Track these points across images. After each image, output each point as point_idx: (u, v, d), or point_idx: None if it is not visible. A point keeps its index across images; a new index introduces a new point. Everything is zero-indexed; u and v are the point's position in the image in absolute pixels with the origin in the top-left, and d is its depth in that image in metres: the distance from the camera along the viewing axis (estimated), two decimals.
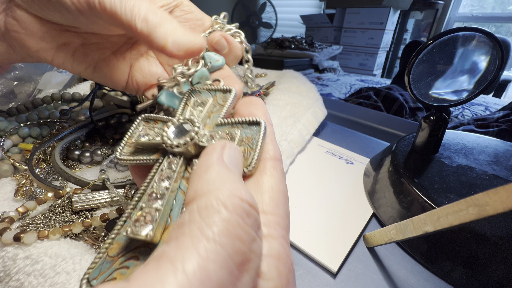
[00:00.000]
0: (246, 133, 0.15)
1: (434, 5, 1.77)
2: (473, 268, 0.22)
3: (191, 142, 0.14)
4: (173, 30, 0.17)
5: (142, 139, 0.15)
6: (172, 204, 0.13)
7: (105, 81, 0.25)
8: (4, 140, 0.32)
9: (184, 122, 0.14)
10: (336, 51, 1.76)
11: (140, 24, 0.17)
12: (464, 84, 0.28)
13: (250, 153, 0.14)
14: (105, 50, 0.25)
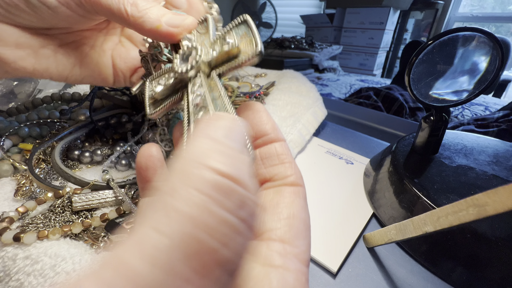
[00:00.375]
0: (239, 33, 0.16)
1: (434, 5, 1.77)
2: (473, 268, 0.22)
3: (200, 59, 0.15)
4: (163, 12, 0.18)
5: (158, 89, 0.17)
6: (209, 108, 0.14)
7: (94, 80, 0.26)
8: (4, 140, 0.32)
9: (185, 52, 0.16)
10: (336, 51, 1.75)
11: (130, 9, 0.18)
12: (464, 84, 0.28)
13: (251, 42, 0.15)
14: (83, 47, 0.25)
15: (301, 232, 0.12)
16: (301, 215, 0.13)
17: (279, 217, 0.12)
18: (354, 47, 1.87)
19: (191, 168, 0.08)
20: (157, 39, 0.18)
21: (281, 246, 0.11)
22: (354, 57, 1.89)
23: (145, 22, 0.18)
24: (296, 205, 0.13)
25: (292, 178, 0.14)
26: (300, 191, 0.14)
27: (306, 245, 0.12)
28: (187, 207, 0.07)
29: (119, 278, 0.06)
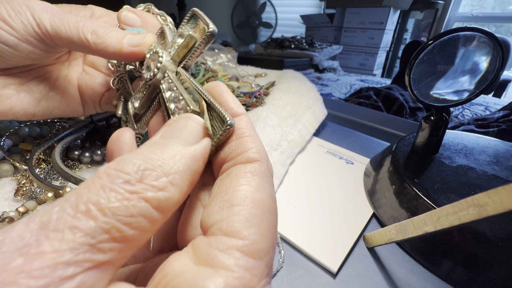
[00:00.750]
0: (191, 26, 0.16)
1: (434, 5, 1.77)
2: (473, 268, 0.22)
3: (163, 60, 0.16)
4: (123, 34, 0.19)
5: (137, 104, 0.17)
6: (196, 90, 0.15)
7: (63, 111, 0.26)
8: (4, 140, 0.32)
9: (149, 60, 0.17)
10: (336, 51, 1.75)
11: (91, 37, 0.18)
12: (465, 84, 0.28)
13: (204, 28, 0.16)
14: (47, 81, 0.25)
15: (254, 218, 0.10)
16: (254, 197, 0.10)
17: (226, 205, 0.10)
18: (354, 47, 1.87)
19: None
20: (122, 60, 0.19)
21: (224, 240, 0.09)
22: (354, 57, 1.89)
23: (108, 47, 0.18)
24: (251, 186, 0.11)
25: (248, 154, 0.12)
26: (257, 168, 0.12)
27: (261, 233, 0.10)
28: None
29: None
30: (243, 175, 0.11)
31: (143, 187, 0.10)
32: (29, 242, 0.08)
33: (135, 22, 0.21)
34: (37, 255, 0.08)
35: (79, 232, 0.08)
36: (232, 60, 0.62)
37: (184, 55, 0.16)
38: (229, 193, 0.11)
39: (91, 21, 0.19)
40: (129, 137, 0.15)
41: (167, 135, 0.12)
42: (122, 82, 0.23)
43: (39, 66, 0.24)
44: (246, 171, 0.11)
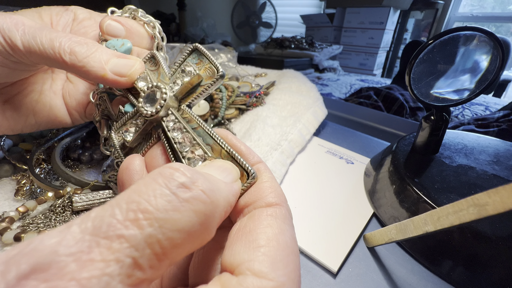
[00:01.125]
0: (194, 61, 0.16)
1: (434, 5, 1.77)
2: (473, 268, 0.22)
3: (167, 97, 0.15)
4: (106, 57, 0.17)
5: (129, 137, 0.17)
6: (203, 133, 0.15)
7: (52, 124, 0.25)
8: (5, 140, 0.32)
9: (149, 93, 0.16)
10: (336, 51, 1.75)
11: (69, 58, 0.16)
12: (465, 83, 0.28)
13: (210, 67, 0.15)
14: (32, 95, 0.23)
15: (281, 260, 0.10)
16: (279, 239, 0.11)
17: (252, 245, 0.10)
18: (354, 47, 1.87)
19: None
20: (106, 85, 0.18)
21: (254, 280, 0.09)
22: (354, 57, 1.89)
23: (89, 72, 0.16)
24: (274, 228, 0.11)
25: (267, 198, 0.12)
26: (278, 211, 0.12)
27: (288, 275, 0.10)
28: None
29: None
30: (265, 218, 0.11)
31: (196, 194, 0.09)
32: (82, 248, 0.08)
33: (119, 32, 0.19)
34: (87, 263, 0.07)
35: (125, 242, 0.08)
36: (232, 60, 0.62)
37: (187, 92, 0.16)
38: (254, 234, 0.11)
39: (68, 37, 0.17)
40: (139, 164, 0.15)
41: (209, 169, 0.12)
42: (102, 100, 0.21)
43: (19, 81, 0.22)
44: (267, 214, 0.12)
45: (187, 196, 0.09)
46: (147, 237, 0.08)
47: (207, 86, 0.15)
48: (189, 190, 0.09)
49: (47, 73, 0.24)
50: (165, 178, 0.09)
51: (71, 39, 0.17)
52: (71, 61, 0.16)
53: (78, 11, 0.22)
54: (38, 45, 0.16)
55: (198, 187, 0.10)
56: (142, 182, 0.09)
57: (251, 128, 0.39)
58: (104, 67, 0.16)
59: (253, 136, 0.36)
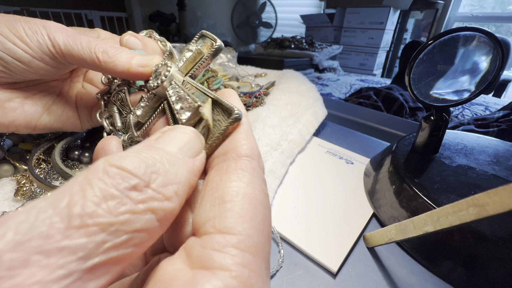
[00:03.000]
0: (200, 44, 0.17)
1: (434, 5, 1.77)
2: (473, 268, 0.22)
3: (171, 69, 0.16)
4: (132, 55, 0.20)
5: (139, 112, 0.18)
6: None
7: (63, 125, 0.27)
8: (4, 140, 0.32)
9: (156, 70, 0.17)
10: (336, 51, 1.76)
11: (102, 56, 0.19)
12: (465, 84, 0.28)
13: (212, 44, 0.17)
14: (50, 96, 0.26)
15: (247, 213, 0.09)
16: (246, 192, 0.10)
17: (217, 202, 0.10)
18: (354, 47, 1.87)
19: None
20: (129, 78, 0.20)
21: (218, 238, 0.09)
22: (354, 57, 1.89)
23: (117, 66, 0.19)
24: (241, 182, 0.10)
25: (238, 149, 0.12)
26: (247, 164, 0.11)
27: (255, 226, 0.09)
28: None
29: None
30: (233, 171, 0.11)
31: (151, 195, 0.09)
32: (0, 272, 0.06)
33: (136, 45, 0.22)
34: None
35: (70, 254, 0.07)
36: (232, 60, 0.62)
37: (191, 67, 0.17)
38: (220, 190, 0.10)
39: (103, 41, 0.20)
40: (115, 145, 0.14)
41: (165, 141, 0.11)
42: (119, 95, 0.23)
43: (44, 81, 0.25)
44: (236, 167, 0.11)
45: (141, 197, 0.08)
46: (100, 244, 0.07)
47: (206, 57, 0.17)
48: (142, 192, 0.08)
49: (66, 81, 0.27)
50: (113, 178, 0.08)
51: (104, 43, 0.20)
52: (104, 58, 0.19)
53: (101, 32, 0.26)
54: (77, 46, 0.20)
55: (151, 187, 0.09)
56: (84, 180, 0.08)
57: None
58: (130, 61, 0.19)
59: None
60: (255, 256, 0.09)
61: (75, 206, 0.07)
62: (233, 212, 0.09)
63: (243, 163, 0.11)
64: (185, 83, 0.17)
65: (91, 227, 0.07)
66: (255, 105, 0.45)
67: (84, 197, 0.08)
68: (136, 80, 0.21)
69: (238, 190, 0.10)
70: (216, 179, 0.11)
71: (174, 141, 0.11)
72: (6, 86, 0.23)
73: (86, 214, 0.07)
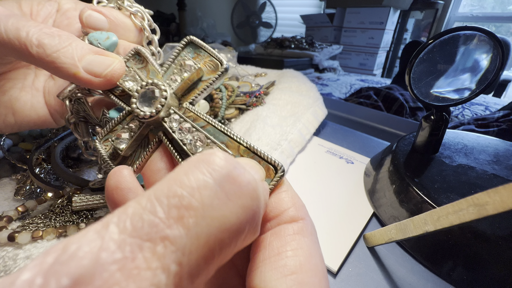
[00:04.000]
0: (190, 55, 0.14)
1: (434, 5, 1.77)
2: (473, 268, 0.22)
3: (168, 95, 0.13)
4: (81, 52, 0.14)
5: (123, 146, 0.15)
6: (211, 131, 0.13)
7: (34, 124, 0.22)
8: (4, 139, 0.32)
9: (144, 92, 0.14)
10: (336, 51, 1.75)
11: (36, 50, 0.14)
12: (466, 82, 0.28)
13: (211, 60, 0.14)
14: (11, 91, 0.21)
15: (315, 286, 0.09)
16: (311, 263, 0.10)
17: (283, 271, 0.10)
18: (354, 47, 1.87)
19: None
20: (79, 84, 0.15)
21: None
22: (354, 57, 1.89)
23: (59, 68, 0.14)
24: (304, 249, 0.10)
25: (291, 211, 0.11)
26: (304, 227, 0.11)
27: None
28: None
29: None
30: (292, 237, 0.11)
31: (246, 188, 0.08)
32: (125, 253, 0.06)
33: (101, 24, 0.17)
34: (133, 272, 0.06)
35: (170, 245, 0.07)
36: (232, 60, 0.62)
37: (188, 88, 0.14)
38: (283, 257, 0.10)
39: (39, 28, 0.14)
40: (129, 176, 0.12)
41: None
42: (78, 103, 0.19)
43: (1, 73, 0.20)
44: (294, 232, 0.11)
45: (235, 189, 0.08)
46: (194, 238, 0.07)
47: (211, 81, 0.14)
48: (236, 182, 0.08)
49: (30, 68, 0.22)
50: (209, 165, 0.08)
51: (41, 29, 0.14)
52: (38, 54, 0.14)
53: (62, 1, 0.20)
54: (1, 34, 0.14)
55: (245, 180, 0.09)
56: (182, 170, 0.08)
57: (251, 128, 0.38)
58: (77, 64, 0.14)
59: (253, 136, 0.36)
60: None
61: (173, 197, 0.07)
62: (301, 285, 0.09)
63: (300, 227, 0.11)
64: (183, 110, 0.14)
65: (187, 219, 0.07)
66: (255, 105, 0.45)
67: (182, 187, 0.08)
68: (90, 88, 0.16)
69: (303, 261, 0.10)
70: (276, 243, 0.11)
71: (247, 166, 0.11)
72: None
73: (183, 205, 0.07)
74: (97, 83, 0.14)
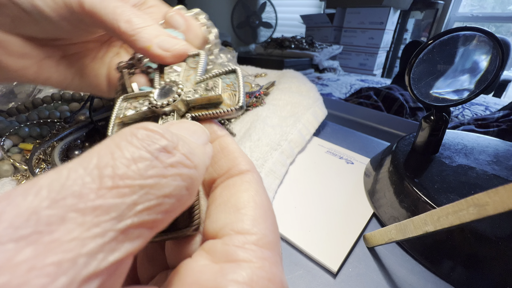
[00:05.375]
0: (226, 81, 0.16)
1: (434, 5, 1.77)
2: (473, 268, 0.22)
3: (179, 98, 0.15)
4: (157, 34, 0.17)
5: (129, 113, 0.16)
6: None
7: (92, 90, 0.27)
8: (4, 140, 0.32)
9: (166, 85, 0.15)
10: (336, 51, 1.76)
11: (124, 25, 0.17)
12: (465, 83, 0.28)
13: (235, 95, 0.15)
14: (85, 59, 0.25)
15: (260, 217, 0.11)
16: (256, 200, 0.11)
17: (231, 210, 0.11)
18: (354, 47, 1.87)
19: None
20: (148, 57, 0.18)
21: (238, 237, 0.10)
22: (354, 57, 1.89)
23: (137, 41, 0.17)
24: (250, 191, 0.12)
25: (239, 167, 0.13)
26: (251, 177, 0.12)
27: (268, 228, 0.11)
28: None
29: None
30: (240, 184, 0.12)
31: (180, 159, 0.09)
32: (38, 227, 0.06)
33: (178, 25, 0.21)
34: (51, 245, 0.06)
35: (104, 214, 0.07)
36: (232, 60, 0.62)
37: (201, 104, 0.15)
38: (232, 201, 0.12)
39: (131, 10, 0.18)
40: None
41: (177, 129, 0.12)
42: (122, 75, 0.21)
43: (80, 42, 0.25)
44: (242, 181, 0.12)
45: (171, 160, 0.09)
46: (131, 205, 0.07)
47: (221, 111, 0.15)
48: (172, 154, 0.09)
49: (104, 44, 0.26)
50: (142, 140, 0.08)
51: (133, 11, 0.18)
52: (125, 29, 0.17)
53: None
54: (101, 8, 0.18)
55: (180, 151, 0.09)
56: (112, 143, 0.08)
57: (251, 128, 0.39)
58: (152, 40, 0.17)
59: (253, 136, 0.36)
60: (272, 251, 0.10)
61: (106, 167, 0.07)
62: (248, 216, 0.11)
63: (247, 177, 0.12)
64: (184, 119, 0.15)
65: (122, 189, 0.07)
66: (255, 105, 0.45)
67: (114, 158, 0.08)
68: (155, 61, 0.19)
69: (249, 198, 0.11)
70: (226, 193, 0.12)
71: (185, 130, 0.12)
72: (44, 42, 0.22)
73: (117, 175, 0.07)
74: (165, 57, 0.17)
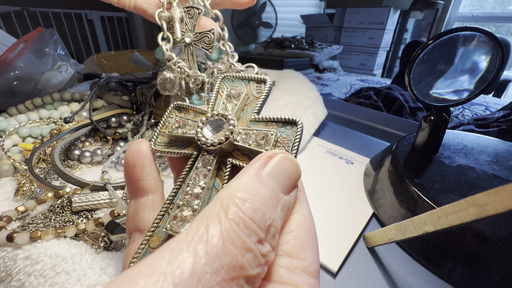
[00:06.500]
0: (282, 133, 0.14)
1: (434, 5, 1.77)
2: (473, 268, 0.22)
3: (226, 142, 0.14)
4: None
5: (177, 132, 0.16)
6: (207, 202, 0.14)
7: (140, 11, 0.31)
8: (4, 140, 0.32)
9: (218, 118, 0.15)
10: (336, 51, 1.75)
11: None
12: (464, 83, 0.28)
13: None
14: None
15: (308, 243, 0.12)
16: (306, 224, 0.12)
17: (285, 230, 0.12)
18: (354, 47, 1.87)
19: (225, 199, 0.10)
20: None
21: (288, 260, 0.11)
22: (354, 57, 1.89)
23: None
24: (301, 214, 0.12)
25: None
26: (301, 197, 0.13)
27: (314, 255, 0.11)
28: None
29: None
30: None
31: (268, 249, 0.10)
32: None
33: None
34: None
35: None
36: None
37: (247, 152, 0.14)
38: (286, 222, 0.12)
39: None
40: (146, 147, 0.16)
41: (270, 173, 0.12)
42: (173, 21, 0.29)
43: None
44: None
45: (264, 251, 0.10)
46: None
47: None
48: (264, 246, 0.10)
49: None
50: (248, 229, 0.09)
51: None
52: None
53: None
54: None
55: (268, 241, 0.10)
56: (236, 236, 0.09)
57: None
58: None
59: None
60: (316, 279, 0.11)
61: (226, 255, 0.08)
62: (298, 241, 0.11)
63: (298, 196, 0.13)
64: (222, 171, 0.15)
65: (240, 279, 0.09)
66: None
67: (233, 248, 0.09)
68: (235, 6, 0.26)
69: (300, 222, 0.12)
70: None
71: (277, 172, 0.12)
72: None
73: (230, 266, 0.08)
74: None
